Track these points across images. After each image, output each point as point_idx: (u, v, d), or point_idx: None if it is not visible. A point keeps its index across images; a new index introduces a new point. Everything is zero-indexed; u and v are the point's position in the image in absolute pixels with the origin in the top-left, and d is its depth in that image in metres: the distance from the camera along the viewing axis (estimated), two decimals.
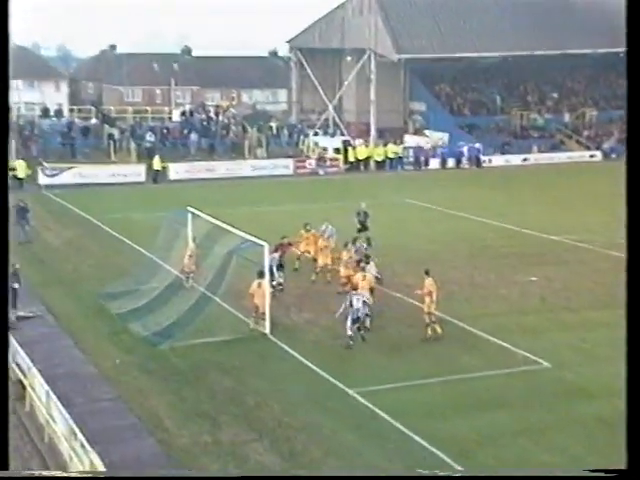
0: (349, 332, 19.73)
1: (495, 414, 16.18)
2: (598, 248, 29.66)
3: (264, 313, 20.63)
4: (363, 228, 29.38)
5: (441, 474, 13.10)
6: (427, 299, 20.26)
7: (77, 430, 13.82)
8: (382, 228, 30.02)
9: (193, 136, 54.31)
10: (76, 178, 45.55)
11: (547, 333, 20.97)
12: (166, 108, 70.24)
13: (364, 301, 20.17)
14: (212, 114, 60.43)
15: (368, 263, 22.15)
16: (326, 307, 22.56)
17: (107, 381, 17.78)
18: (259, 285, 20.69)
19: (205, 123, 57.28)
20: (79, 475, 8.57)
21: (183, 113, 60.09)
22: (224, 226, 22.80)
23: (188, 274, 23.66)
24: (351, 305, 19.92)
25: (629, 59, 8.60)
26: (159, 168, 47.39)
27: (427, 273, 20.64)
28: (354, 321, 19.84)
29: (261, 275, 20.87)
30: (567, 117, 64.95)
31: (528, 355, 19.18)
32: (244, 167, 50.58)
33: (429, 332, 20.14)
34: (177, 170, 48.67)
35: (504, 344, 19.94)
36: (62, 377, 17.68)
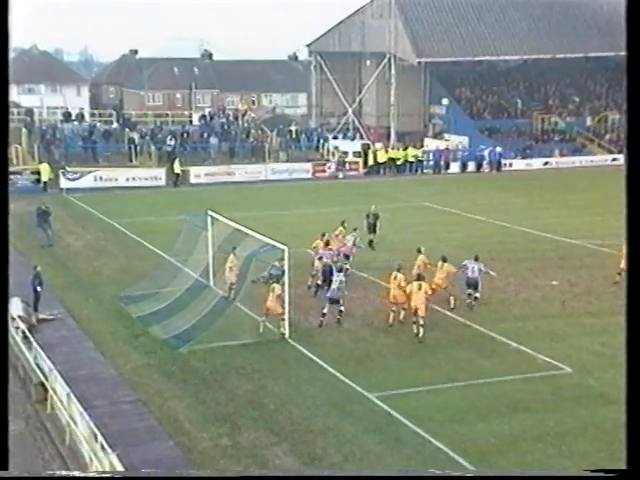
0: (325, 310, 21.35)
1: (516, 419, 16.09)
2: (619, 252, 29.39)
3: (278, 315, 20.67)
4: (372, 231, 29.80)
5: (442, 474, 13.18)
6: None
7: (98, 432, 13.90)
8: (401, 232, 30.01)
9: (213, 140, 54.51)
10: (97, 182, 45.92)
11: (568, 338, 20.84)
12: (186, 112, 70.68)
13: (339, 286, 21.48)
14: (232, 118, 60.69)
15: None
16: (346, 311, 22.58)
17: (127, 384, 17.88)
18: (272, 289, 20.79)
19: (225, 127, 57.53)
20: (80, 475, 8.67)
21: (203, 117, 60.39)
22: (244, 229, 22.86)
23: (230, 286, 23.22)
24: (329, 285, 21.68)
25: (629, 60, 8.57)
26: (179, 172, 47.65)
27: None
28: (331, 301, 21.46)
29: (278, 279, 20.94)
30: (589, 120, 64.60)
31: (549, 360, 19.08)
32: (264, 171, 50.70)
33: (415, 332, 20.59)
34: (197, 174, 48.91)
35: (525, 349, 19.85)
36: (83, 379, 17.80)
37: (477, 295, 22.99)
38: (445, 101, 64.47)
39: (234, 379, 18.05)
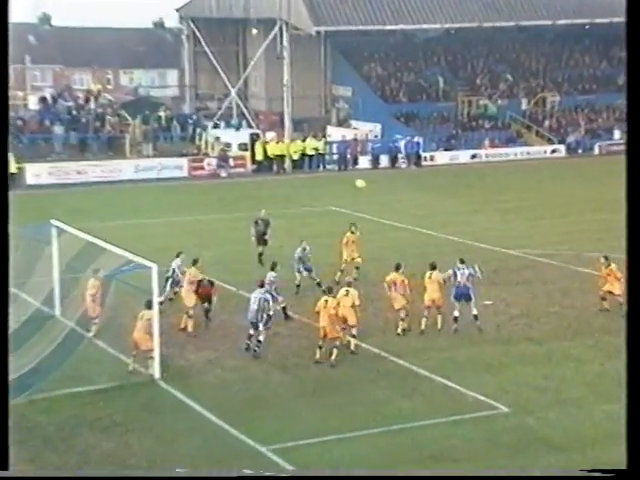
0: (250, 331, 22.00)
1: (442, 471, 16.35)
2: (564, 264, 30.44)
3: (148, 351, 20.49)
4: (262, 242, 30.08)
5: (441, 474, 14.67)
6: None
7: None
8: (300, 243, 30.05)
9: (58, 129, 53.61)
10: None
11: (504, 369, 21.36)
12: (20, 93, 68.91)
13: (259, 306, 21.80)
14: (82, 101, 59.69)
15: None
16: (233, 343, 22.62)
17: None
18: (141, 317, 20.65)
19: (73, 112, 56.56)
20: (81, 475, 8.46)
21: (43, 99, 59.18)
22: (100, 243, 22.51)
23: (93, 319, 22.83)
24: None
25: (629, 59, 9.49)
26: (13, 170, 46.48)
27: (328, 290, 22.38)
28: (250, 324, 21.96)
29: (150, 305, 20.69)
30: (524, 104, 66.68)
31: (482, 398, 19.48)
32: (125, 168, 50.23)
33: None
34: (37, 173, 47.95)
35: (453, 384, 20.22)
36: None
37: (475, 312, 23.65)
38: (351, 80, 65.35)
39: (88, 436, 17.72)
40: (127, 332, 21.14)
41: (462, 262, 24.08)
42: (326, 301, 21.49)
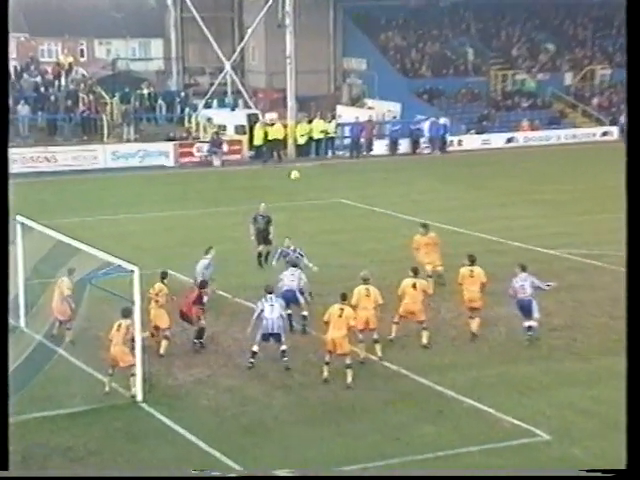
0: (254, 348, 21.93)
1: (445, 472, 16.40)
2: (614, 266, 30.35)
3: (129, 368, 20.54)
4: (264, 241, 30.13)
5: (443, 474, 15.39)
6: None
7: None
8: (308, 242, 30.14)
9: (22, 108, 53.73)
10: None
11: (545, 391, 21.36)
12: None
13: (281, 313, 21.94)
14: (50, 76, 59.77)
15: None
16: (228, 360, 22.73)
17: None
18: (118, 328, 20.60)
19: (41, 89, 56.65)
20: (81, 476, 10.52)
21: None
22: (73, 243, 22.57)
23: (63, 323, 23.11)
24: (261, 313, 21.93)
25: (629, 56, 9.84)
26: None
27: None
28: (264, 337, 21.95)
29: (127, 313, 20.70)
30: (569, 78, 66.52)
31: (518, 423, 19.49)
32: (101, 155, 50.35)
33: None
34: None
35: (484, 407, 20.24)
36: None
37: (532, 324, 23.77)
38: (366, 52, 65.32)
39: (59, 466, 17.71)
40: (104, 346, 21.19)
41: (524, 269, 24.10)
42: (341, 309, 21.39)
